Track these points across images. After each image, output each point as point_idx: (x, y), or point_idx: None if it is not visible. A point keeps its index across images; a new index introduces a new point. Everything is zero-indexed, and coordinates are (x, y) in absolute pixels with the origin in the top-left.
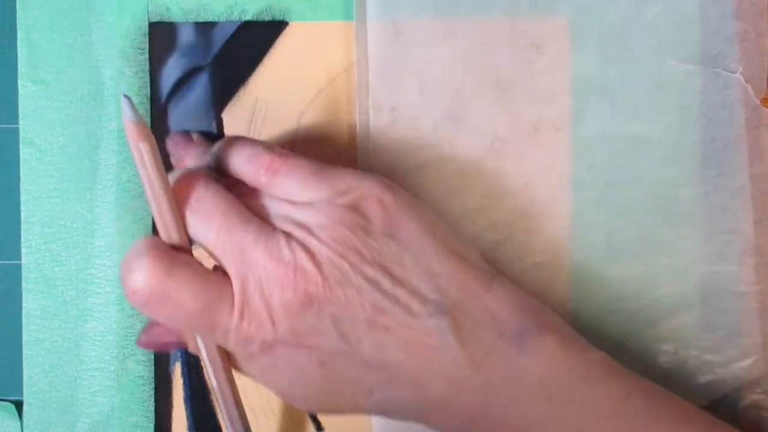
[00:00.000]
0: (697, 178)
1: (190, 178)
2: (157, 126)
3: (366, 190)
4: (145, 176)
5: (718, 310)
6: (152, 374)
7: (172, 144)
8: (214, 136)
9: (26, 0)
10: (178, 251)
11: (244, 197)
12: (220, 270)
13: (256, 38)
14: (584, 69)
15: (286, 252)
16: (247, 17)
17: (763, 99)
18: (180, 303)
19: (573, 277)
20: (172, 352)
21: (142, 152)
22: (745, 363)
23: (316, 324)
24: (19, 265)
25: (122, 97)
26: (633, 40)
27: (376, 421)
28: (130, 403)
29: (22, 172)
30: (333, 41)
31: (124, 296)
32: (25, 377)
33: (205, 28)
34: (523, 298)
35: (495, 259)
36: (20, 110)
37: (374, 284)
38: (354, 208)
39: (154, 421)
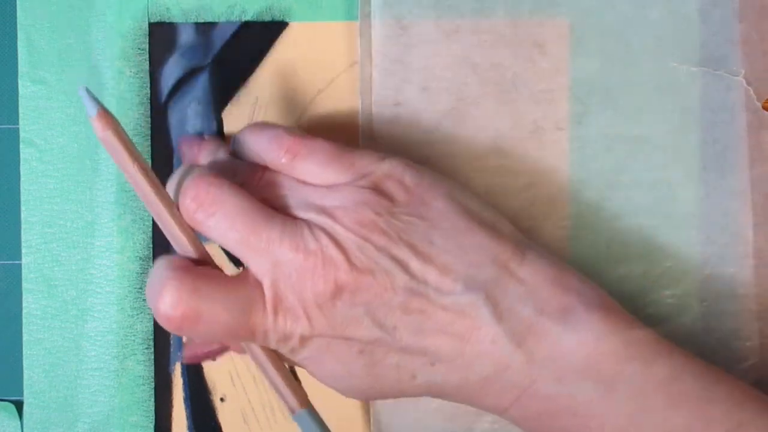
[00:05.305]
0: (697, 180)
1: (207, 179)
2: (157, 126)
3: (387, 170)
4: (138, 189)
5: (717, 313)
6: (152, 374)
7: (184, 145)
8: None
9: (26, 0)
10: (198, 264)
11: (263, 189)
12: (246, 272)
13: (256, 38)
14: (585, 70)
15: (311, 242)
16: (247, 17)
17: (765, 102)
18: (214, 318)
19: None
20: (218, 358)
21: (127, 159)
22: (744, 365)
23: (350, 313)
24: (19, 265)
25: (81, 90)
26: (634, 41)
27: (376, 421)
28: (130, 403)
29: (22, 172)
30: (333, 41)
31: (151, 310)
32: (25, 377)
33: (205, 28)
34: (561, 270)
35: None
36: (20, 110)
37: (403, 266)
38: (376, 190)
39: (154, 421)
